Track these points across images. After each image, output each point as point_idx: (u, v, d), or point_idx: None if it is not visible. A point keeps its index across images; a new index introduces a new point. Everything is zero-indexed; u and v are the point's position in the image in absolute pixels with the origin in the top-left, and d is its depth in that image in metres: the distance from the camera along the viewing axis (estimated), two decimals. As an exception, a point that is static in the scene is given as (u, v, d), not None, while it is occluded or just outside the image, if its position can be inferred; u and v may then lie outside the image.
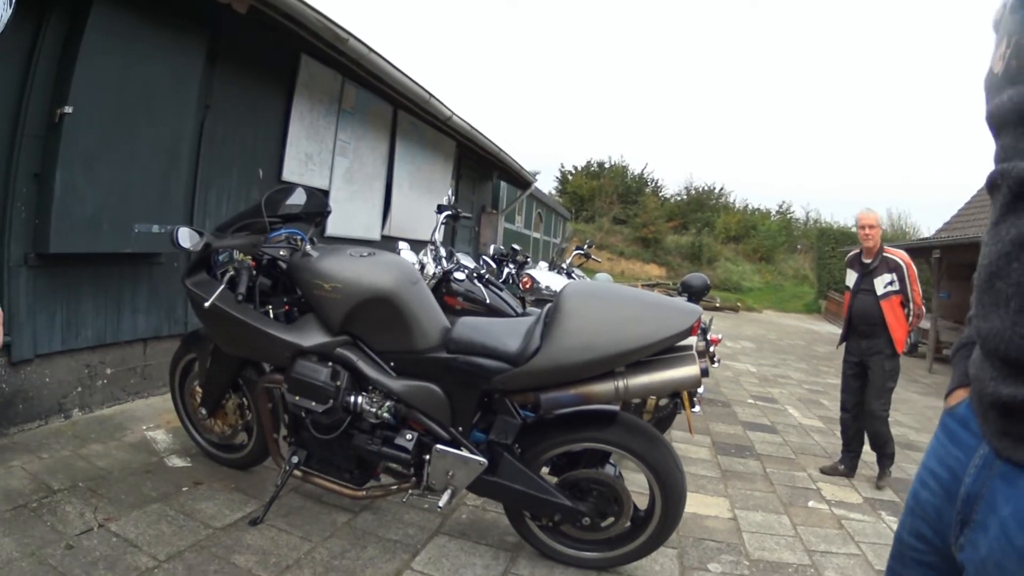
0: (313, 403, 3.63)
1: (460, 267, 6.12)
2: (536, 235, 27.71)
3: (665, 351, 3.41)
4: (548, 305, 3.69)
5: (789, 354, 17.99)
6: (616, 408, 3.73)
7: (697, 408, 3.71)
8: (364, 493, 3.89)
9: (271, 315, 3.95)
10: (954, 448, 1.54)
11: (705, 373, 3.43)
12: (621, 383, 3.40)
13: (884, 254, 6.48)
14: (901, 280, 6.32)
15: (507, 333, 3.64)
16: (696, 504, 5.03)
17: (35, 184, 4.65)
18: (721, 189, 54.81)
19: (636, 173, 52.70)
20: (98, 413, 5.45)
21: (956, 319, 20.12)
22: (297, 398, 3.67)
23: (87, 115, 4.75)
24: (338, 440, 3.78)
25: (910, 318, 6.37)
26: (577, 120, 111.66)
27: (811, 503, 5.54)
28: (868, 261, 6.53)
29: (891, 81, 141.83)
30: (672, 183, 52.50)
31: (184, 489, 4.24)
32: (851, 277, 6.73)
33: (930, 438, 1.70)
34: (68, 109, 4.61)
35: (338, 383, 3.61)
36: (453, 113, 10.81)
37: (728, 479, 6.00)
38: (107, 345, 5.57)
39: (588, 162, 53.42)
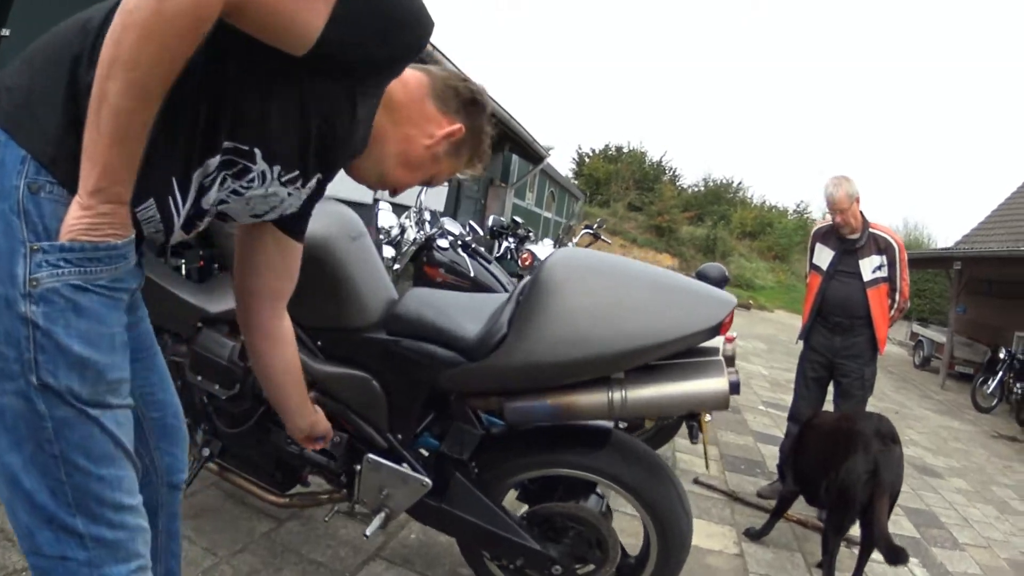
0: (216, 387, 2.85)
1: (444, 233, 5.37)
2: (548, 214, 27.42)
3: (682, 353, 2.49)
4: (525, 279, 2.77)
5: (801, 357, 17.26)
6: (609, 425, 2.81)
7: (708, 416, 2.86)
8: (287, 500, 3.08)
9: (183, 271, 3.26)
10: None
11: (736, 388, 2.46)
12: (618, 395, 2.44)
13: (872, 230, 5.34)
14: (891, 264, 5.25)
15: (466, 312, 2.76)
16: (698, 534, 4.12)
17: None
18: (739, 183, 54.04)
19: (654, 160, 51.86)
20: None
21: (970, 335, 19.59)
22: (199, 378, 2.88)
23: (25, 38, 4.24)
24: (253, 434, 2.96)
25: (892, 311, 5.34)
26: (598, 103, 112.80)
27: (830, 539, 4.75)
28: (853, 237, 5.34)
29: (916, 87, 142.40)
30: (690, 173, 51.71)
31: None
32: (823, 254, 5.54)
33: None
34: (6, 32, 4.48)
35: (248, 363, 2.73)
36: (459, 70, 9.89)
37: (735, 503, 5.25)
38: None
39: (606, 145, 52.68)
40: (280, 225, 1.88)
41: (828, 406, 5.56)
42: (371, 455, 2.73)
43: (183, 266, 3.30)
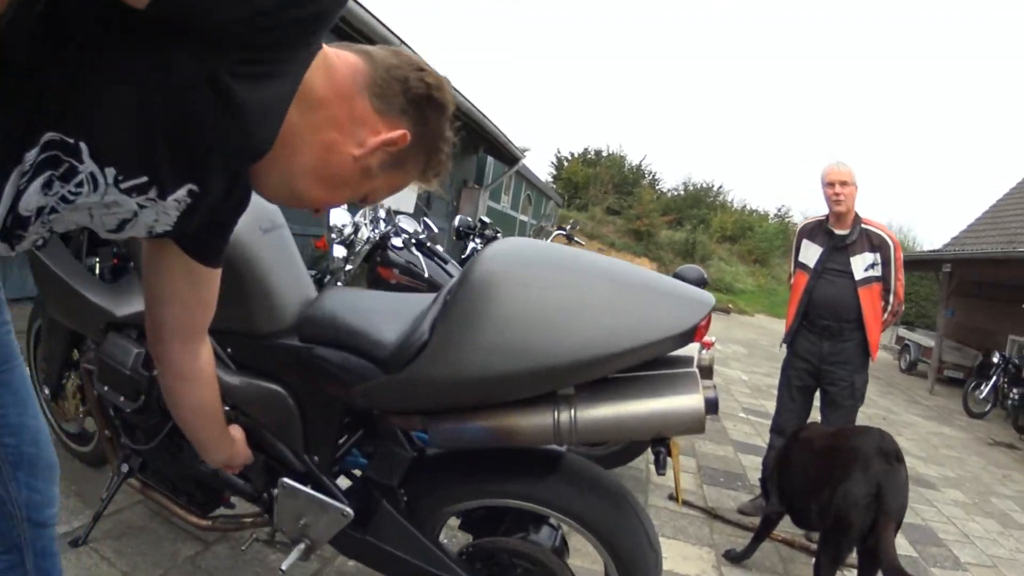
0: (122, 398, 2.54)
1: (399, 231, 5.01)
2: (524, 218, 27.43)
3: (648, 364, 2.01)
4: (454, 278, 2.31)
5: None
6: (561, 449, 2.37)
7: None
8: (209, 523, 2.74)
9: (96, 271, 2.96)
10: None
11: (713, 406, 1.99)
12: (566, 415, 1.98)
13: (864, 226, 4.98)
14: (885, 263, 4.89)
15: (389, 315, 2.32)
16: (672, 557, 3.92)
17: None
18: (720, 187, 54.47)
19: (634, 164, 52.05)
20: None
21: (959, 338, 19.46)
22: (106, 388, 2.59)
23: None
24: (166, 450, 2.64)
25: (885, 315, 4.96)
26: (578, 106, 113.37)
27: (817, 560, 4.43)
28: (843, 232, 4.98)
29: (898, 90, 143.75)
30: (670, 177, 52.19)
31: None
32: (809, 251, 5.16)
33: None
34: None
35: (153, 372, 2.40)
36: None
37: (715, 521, 4.90)
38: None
39: (585, 149, 52.67)
40: (182, 246, 1.55)
41: (814, 415, 5.27)
42: (286, 479, 2.36)
43: (97, 265, 3.01)
